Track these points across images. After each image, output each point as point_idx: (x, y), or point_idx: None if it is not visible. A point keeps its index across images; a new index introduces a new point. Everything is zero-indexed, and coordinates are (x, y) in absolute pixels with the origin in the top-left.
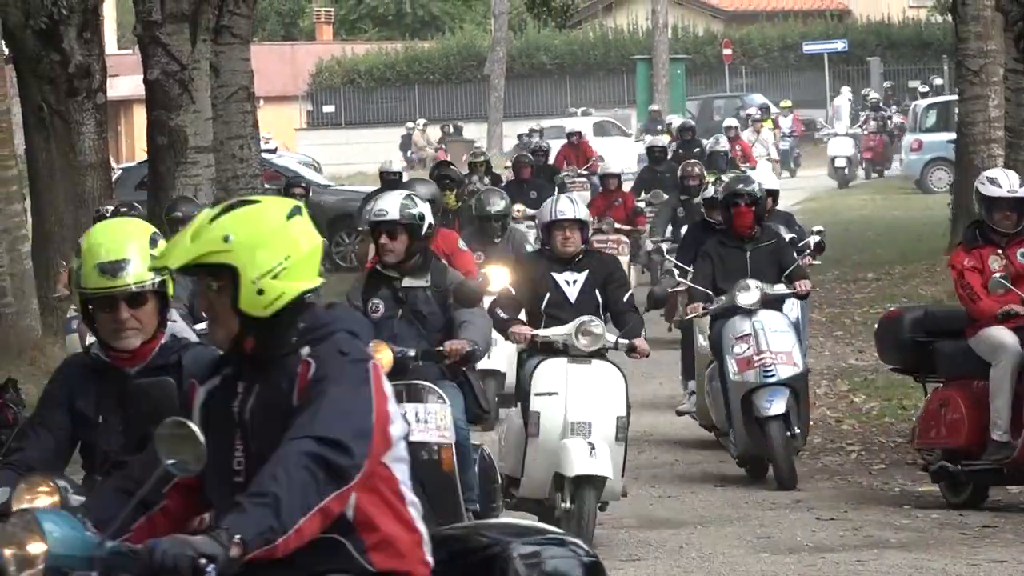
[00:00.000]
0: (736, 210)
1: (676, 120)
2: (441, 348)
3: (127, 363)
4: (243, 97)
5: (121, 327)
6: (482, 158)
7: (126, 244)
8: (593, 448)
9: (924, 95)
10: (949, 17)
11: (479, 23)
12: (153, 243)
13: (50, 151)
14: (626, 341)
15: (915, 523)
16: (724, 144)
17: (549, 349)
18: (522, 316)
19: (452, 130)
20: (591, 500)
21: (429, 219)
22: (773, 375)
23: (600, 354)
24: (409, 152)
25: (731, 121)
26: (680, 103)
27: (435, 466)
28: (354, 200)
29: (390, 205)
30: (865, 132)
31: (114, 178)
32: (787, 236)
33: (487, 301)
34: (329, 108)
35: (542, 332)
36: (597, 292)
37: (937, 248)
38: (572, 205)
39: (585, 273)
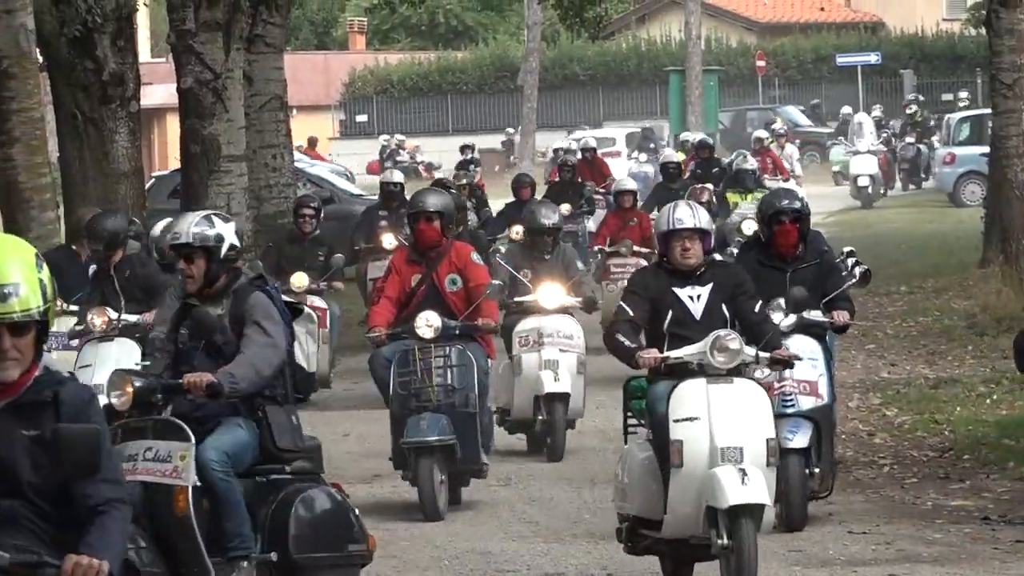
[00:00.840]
0: (780, 228)
1: (691, 136)
2: (181, 381)
3: None
4: (276, 106)
5: (3, 357)
6: (464, 180)
7: (14, 266)
8: (745, 474)
9: (955, 105)
10: (983, 30)
11: (512, 33)
12: (39, 266)
13: (83, 159)
14: (767, 354)
15: (947, 537)
16: (752, 162)
17: (680, 371)
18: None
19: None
20: (750, 532)
21: (232, 240)
22: (792, 405)
23: (738, 371)
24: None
25: (761, 132)
26: (713, 115)
27: (166, 508)
28: None
29: (185, 227)
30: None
31: (147, 186)
32: None
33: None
34: (362, 117)
35: (673, 354)
36: (724, 306)
37: (970, 262)
38: (692, 212)
39: (710, 286)
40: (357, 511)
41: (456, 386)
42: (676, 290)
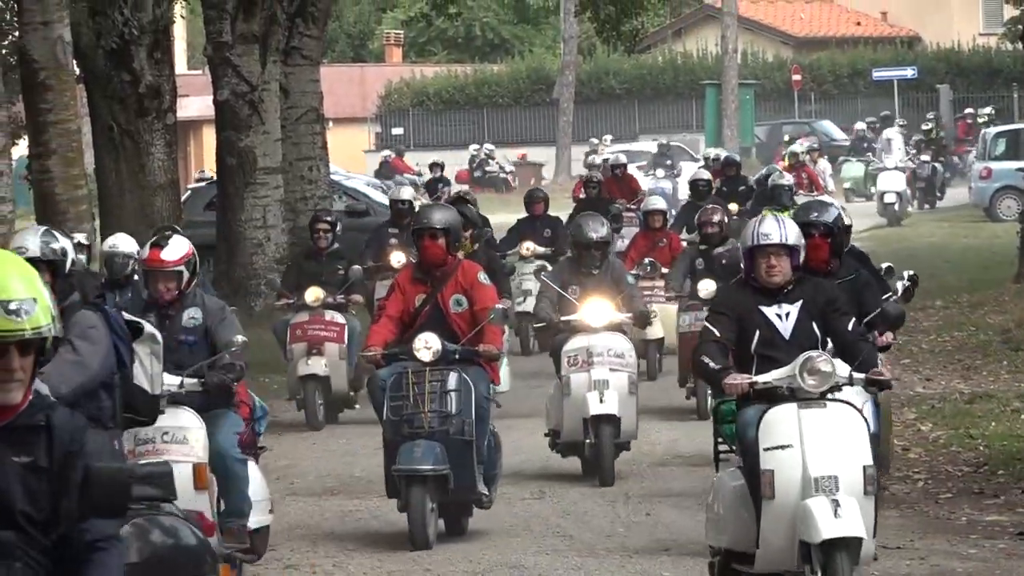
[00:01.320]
0: (809, 242)
1: (714, 152)
2: None
3: None
4: (312, 118)
5: (9, 377)
6: (459, 191)
7: (25, 283)
8: (838, 505)
9: (988, 122)
10: (1020, 45)
11: (548, 47)
12: (42, 285)
13: (119, 171)
14: (862, 375)
15: (982, 552)
16: (788, 178)
17: (772, 396)
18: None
19: (520, 159)
20: (846, 567)
21: (72, 256)
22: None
23: (832, 394)
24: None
25: (797, 147)
26: (749, 129)
27: None
28: None
29: (31, 242)
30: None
31: (182, 198)
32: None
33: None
34: (398, 130)
35: (762, 378)
36: (815, 324)
37: (1005, 277)
38: (779, 227)
39: (799, 304)
40: (212, 542)
41: (451, 412)
42: (763, 309)
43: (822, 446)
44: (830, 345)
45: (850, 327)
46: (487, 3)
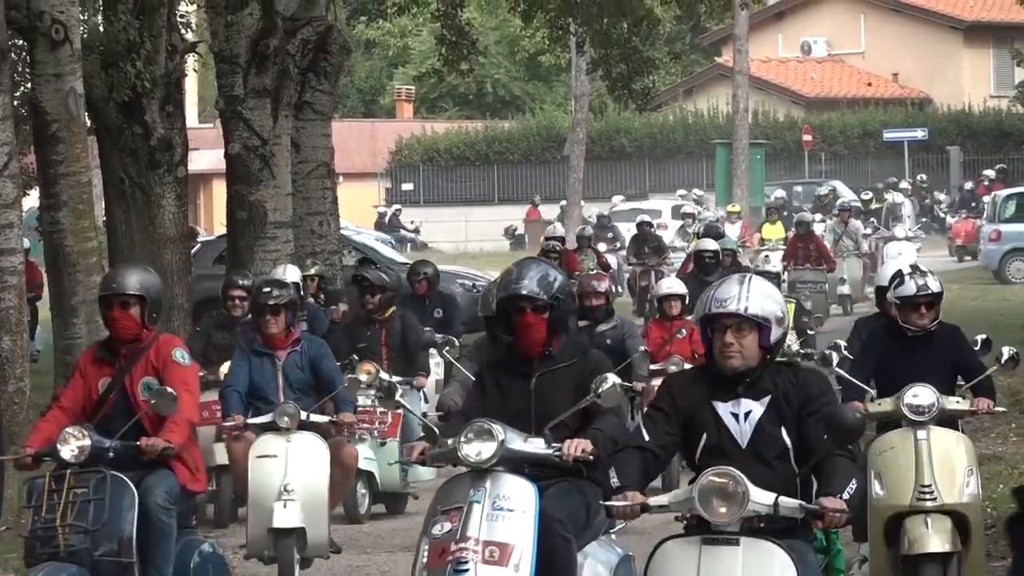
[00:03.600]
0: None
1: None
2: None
3: None
4: (323, 173)
5: None
6: (313, 270)
7: None
8: None
9: (994, 180)
10: None
11: (560, 104)
12: None
13: (130, 223)
14: (796, 504)
15: None
16: (773, 262)
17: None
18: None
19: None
20: None
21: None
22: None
23: (758, 526)
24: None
25: (804, 215)
26: (759, 188)
27: None
28: None
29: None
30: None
31: (193, 252)
32: None
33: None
34: (408, 186)
35: (656, 500)
36: (783, 429)
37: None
38: (740, 291)
39: (765, 400)
40: None
41: (95, 527)
42: (716, 404)
43: None
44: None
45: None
46: (499, 60)
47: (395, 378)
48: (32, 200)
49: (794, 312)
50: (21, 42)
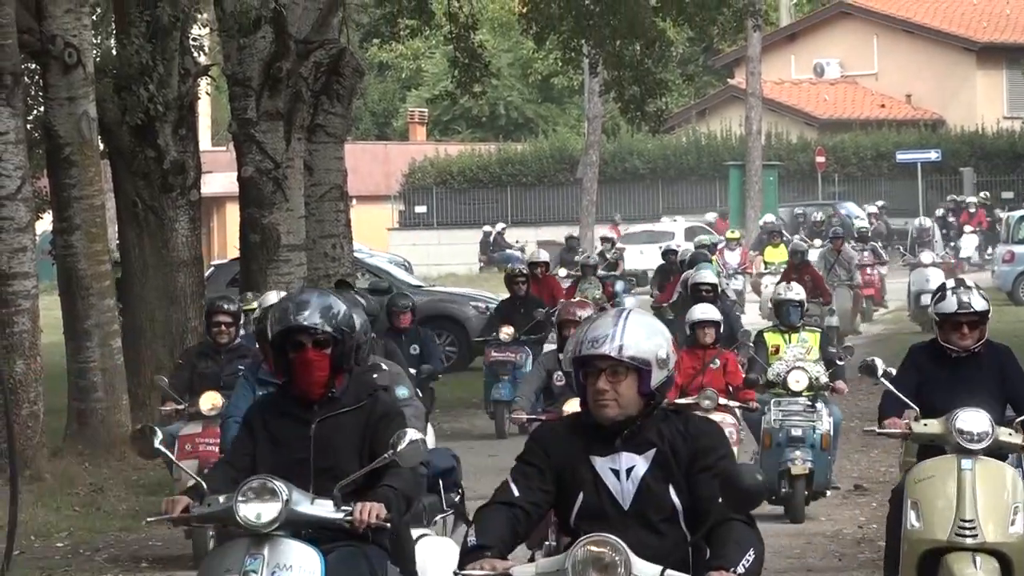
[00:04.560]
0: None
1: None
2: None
3: None
4: (336, 196)
5: None
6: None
7: None
8: None
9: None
10: None
11: (572, 126)
12: None
13: (143, 247)
14: None
15: None
16: (795, 290)
17: None
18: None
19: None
20: None
21: None
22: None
23: None
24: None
25: (799, 244)
26: (772, 210)
27: None
28: (445, 301)
29: None
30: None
31: (206, 275)
32: None
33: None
34: (421, 208)
35: (520, 570)
36: (671, 488)
37: None
38: (615, 325)
39: (650, 454)
40: None
41: None
42: (594, 459)
43: None
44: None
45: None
46: (511, 82)
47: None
48: (45, 224)
49: (819, 342)
50: (34, 66)
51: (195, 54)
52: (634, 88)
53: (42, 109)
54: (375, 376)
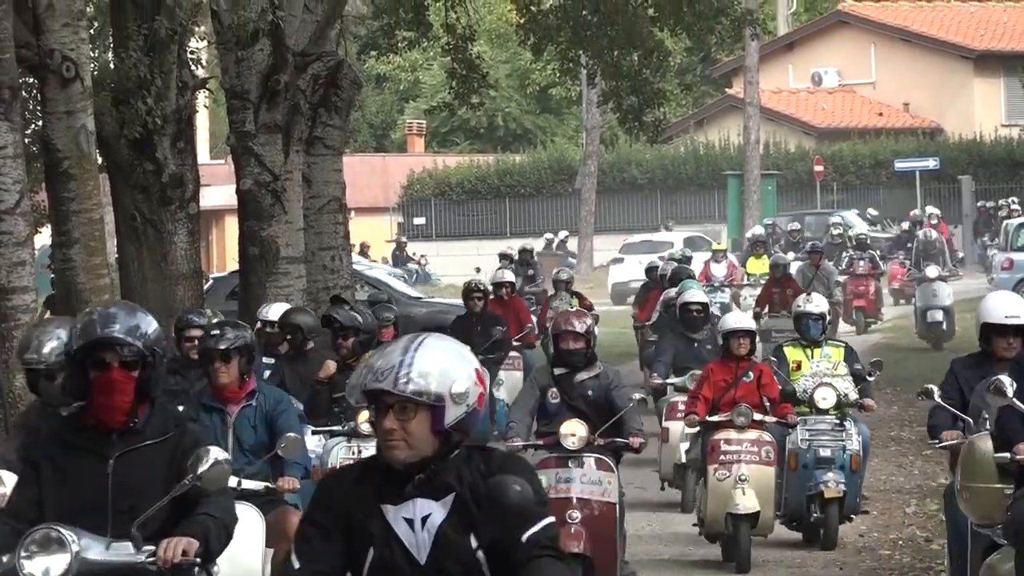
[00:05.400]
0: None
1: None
2: None
3: None
4: (335, 208)
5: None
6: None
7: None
8: None
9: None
10: None
11: (571, 137)
12: None
13: (142, 260)
14: None
15: None
16: (816, 303)
17: None
18: None
19: (556, 245)
20: None
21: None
22: None
23: None
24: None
25: (780, 257)
26: (768, 218)
27: None
28: (445, 312)
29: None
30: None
31: (205, 288)
32: None
33: None
34: (420, 220)
35: None
36: (473, 536)
37: None
38: (405, 357)
39: (449, 499)
40: None
41: None
42: (386, 508)
43: None
44: None
45: (524, 538)
46: (509, 93)
47: None
48: (44, 238)
49: (844, 357)
50: (32, 80)
51: (193, 67)
52: (632, 98)
53: (40, 123)
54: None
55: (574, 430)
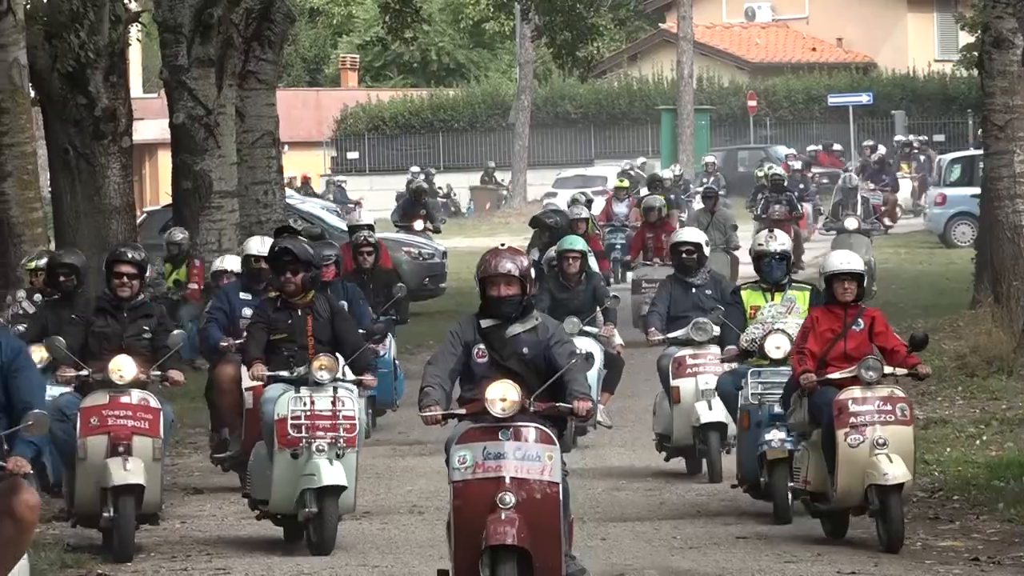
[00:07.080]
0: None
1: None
2: None
3: None
4: (268, 142)
5: None
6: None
7: None
8: None
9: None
10: (975, 71)
11: (504, 72)
12: None
13: (75, 194)
14: None
15: None
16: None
17: None
18: None
19: (488, 178)
20: None
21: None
22: None
23: None
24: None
25: (652, 199)
26: (704, 154)
27: None
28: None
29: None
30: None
31: (138, 221)
32: None
33: None
34: (353, 154)
35: None
36: None
37: (960, 303)
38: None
39: None
40: None
41: None
42: None
43: None
44: None
45: None
46: (443, 28)
47: (346, 378)
48: None
49: (810, 301)
50: None
51: (126, 1)
52: (566, 33)
53: None
54: None
55: (504, 393)
